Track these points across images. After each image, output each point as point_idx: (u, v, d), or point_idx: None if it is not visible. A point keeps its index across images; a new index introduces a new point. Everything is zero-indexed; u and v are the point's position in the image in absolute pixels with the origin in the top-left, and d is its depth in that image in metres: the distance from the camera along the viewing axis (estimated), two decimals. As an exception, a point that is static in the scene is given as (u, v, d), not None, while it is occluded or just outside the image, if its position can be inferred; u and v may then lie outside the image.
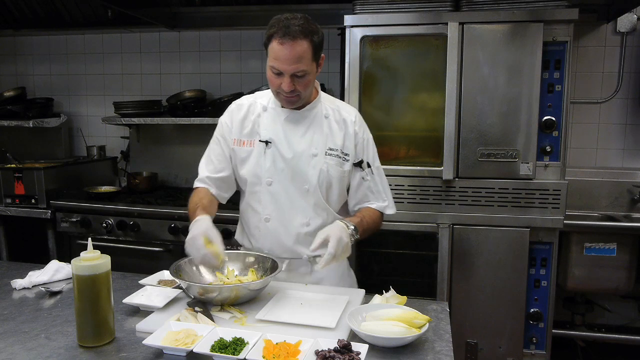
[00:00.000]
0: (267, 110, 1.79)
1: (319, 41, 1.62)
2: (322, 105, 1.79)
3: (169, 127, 3.71)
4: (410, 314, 1.38)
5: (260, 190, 1.77)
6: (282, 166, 1.73)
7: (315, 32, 1.60)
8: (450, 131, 2.55)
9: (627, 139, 3.26)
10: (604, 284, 2.86)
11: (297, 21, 1.57)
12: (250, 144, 1.78)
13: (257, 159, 1.76)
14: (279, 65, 1.58)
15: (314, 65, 1.64)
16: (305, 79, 1.62)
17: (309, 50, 1.58)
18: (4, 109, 3.62)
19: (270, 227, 1.77)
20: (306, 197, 1.74)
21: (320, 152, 1.73)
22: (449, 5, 2.55)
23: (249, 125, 1.79)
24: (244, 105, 1.83)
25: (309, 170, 1.73)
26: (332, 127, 1.77)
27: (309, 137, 1.74)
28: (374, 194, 1.81)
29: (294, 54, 1.55)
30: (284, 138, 1.74)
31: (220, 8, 3.42)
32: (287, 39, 1.55)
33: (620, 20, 3.11)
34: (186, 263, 1.64)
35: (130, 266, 2.30)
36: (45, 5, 3.53)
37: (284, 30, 1.55)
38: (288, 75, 1.59)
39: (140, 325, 1.40)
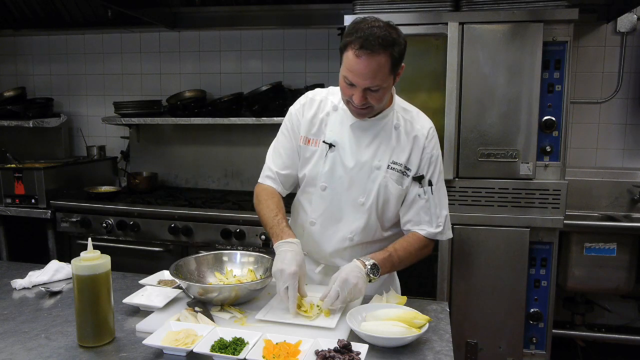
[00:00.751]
0: (337, 111, 1.69)
1: (400, 53, 1.48)
2: (393, 114, 1.66)
3: (169, 127, 3.71)
4: (410, 314, 1.38)
5: (313, 192, 1.70)
6: (341, 173, 1.65)
7: (397, 43, 1.46)
8: (450, 131, 2.55)
9: (627, 139, 3.26)
10: (604, 284, 2.86)
11: (378, 30, 1.43)
12: (315, 143, 1.68)
13: (317, 160, 1.68)
14: (352, 77, 1.47)
15: (390, 79, 1.51)
16: (379, 93, 1.50)
17: (387, 64, 1.45)
18: (4, 109, 3.62)
19: (314, 231, 1.73)
20: (359, 210, 1.66)
21: (383, 165, 1.63)
22: (449, 5, 2.55)
23: (317, 123, 1.69)
24: (315, 101, 1.73)
25: (368, 182, 1.64)
26: (401, 140, 1.64)
27: (374, 148, 1.64)
28: (428, 216, 1.66)
29: (370, 69, 1.43)
30: (348, 144, 1.65)
31: (220, 8, 3.42)
32: (364, 52, 1.42)
33: (620, 20, 3.11)
34: (186, 263, 1.64)
35: (130, 266, 2.30)
36: (45, 5, 3.53)
37: (362, 41, 1.42)
38: (360, 89, 1.48)
39: (140, 325, 1.40)
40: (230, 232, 2.85)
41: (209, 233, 2.90)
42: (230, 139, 3.57)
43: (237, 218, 2.84)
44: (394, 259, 1.59)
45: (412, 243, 1.66)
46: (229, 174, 3.63)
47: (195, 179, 3.69)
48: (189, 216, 2.93)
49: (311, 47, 3.47)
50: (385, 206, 1.67)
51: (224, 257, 1.72)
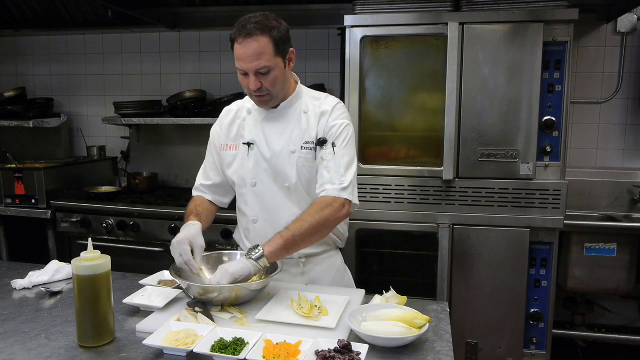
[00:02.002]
0: (251, 113, 1.79)
1: (280, 35, 1.59)
2: (301, 101, 1.76)
3: (169, 127, 3.71)
4: (410, 314, 1.38)
5: (246, 192, 1.78)
6: (264, 166, 1.74)
7: (275, 27, 1.59)
8: (450, 131, 2.55)
9: (627, 139, 3.26)
10: (604, 284, 2.86)
11: (254, 18, 1.58)
12: (235, 147, 1.79)
13: (241, 161, 1.77)
14: (241, 65, 1.59)
15: (278, 60, 1.60)
16: (270, 75, 1.60)
17: (269, 45, 1.57)
18: (4, 109, 3.62)
19: (258, 227, 1.78)
20: (289, 194, 1.73)
21: (297, 147, 1.71)
22: (449, 5, 2.55)
23: (235, 129, 1.81)
24: (231, 110, 1.86)
25: (288, 167, 1.71)
26: (310, 121, 1.72)
27: (287, 135, 1.73)
28: (329, 174, 1.65)
29: (251, 50, 1.56)
30: (263, 138, 1.74)
31: (220, 8, 3.42)
32: (244, 37, 1.56)
33: (620, 20, 3.11)
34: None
35: (130, 266, 2.30)
36: (45, 5, 3.53)
37: (241, 29, 1.57)
38: (252, 74, 1.59)
39: (140, 325, 1.40)
40: (230, 232, 2.83)
41: (208, 233, 2.84)
42: (230, 139, 3.56)
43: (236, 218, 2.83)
44: (287, 239, 1.56)
45: (308, 211, 1.62)
46: (229, 174, 3.62)
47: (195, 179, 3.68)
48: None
49: (311, 47, 3.47)
50: (309, 185, 1.72)
51: (224, 257, 1.72)
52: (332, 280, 1.82)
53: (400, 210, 2.67)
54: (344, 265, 1.93)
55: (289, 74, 1.72)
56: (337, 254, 1.89)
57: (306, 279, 1.78)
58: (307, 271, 1.79)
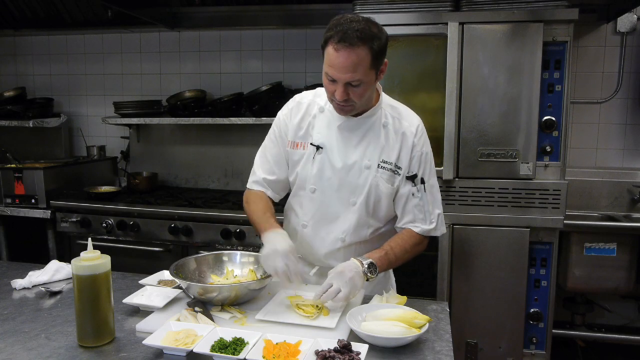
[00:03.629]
0: (324, 112, 1.69)
1: (380, 47, 1.47)
2: (381, 112, 1.66)
3: (169, 127, 3.71)
4: (410, 314, 1.38)
5: (303, 195, 1.71)
6: (330, 175, 1.65)
7: (377, 37, 1.46)
8: (450, 131, 2.55)
9: (627, 139, 3.26)
10: (604, 284, 2.86)
11: (356, 24, 1.44)
12: (303, 146, 1.69)
13: (305, 163, 1.68)
14: (332, 72, 1.48)
15: (372, 74, 1.50)
16: (360, 88, 1.50)
17: (367, 58, 1.45)
18: (4, 109, 3.62)
19: (306, 234, 1.73)
20: (350, 211, 1.66)
21: (373, 164, 1.63)
22: (449, 5, 2.55)
23: (305, 126, 1.70)
24: (303, 104, 1.73)
25: (359, 183, 1.63)
26: (389, 138, 1.64)
27: (362, 147, 1.64)
28: (422, 214, 1.66)
29: (349, 62, 1.44)
30: (336, 145, 1.64)
31: (220, 8, 3.42)
32: (343, 45, 1.43)
33: (620, 20, 3.11)
34: (186, 263, 1.64)
35: (130, 266, 2.30)
36: (45, 5, 3.53)
37: (341, 35, 1.43)
38: (342, 84, 1.49)
39: (140, 325, 1.40)
40: (230, 232, 2.85)
41: (209, 233, 2.90)
42: (230, 139, 3.57)
43: (237, 218, 2.84)
44: (391, 256, 1.60)
45: (407, 240, 1.67)
46: (229, 174, 3.62)
47: (195, 179, 3.69)
48: (189, 216, 2.93)
49: (311, 47, 3.46)
50: (377, 205, 1.67)
51: (224, 257, 1.72)
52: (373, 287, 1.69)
53: (400, 210, 2.67)
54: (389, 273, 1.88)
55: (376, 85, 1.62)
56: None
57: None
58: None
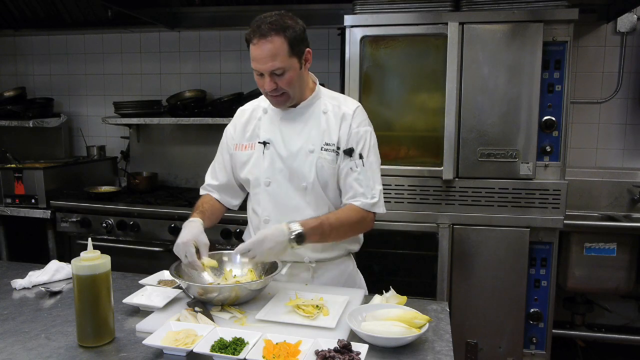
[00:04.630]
0: (267, 113, 1.78)
1: (295, 35, 1.58)
2: (320, 102, 1.75)
3: (169, 127, 3.71)
4: (410, 314, 1.38)
5: (259, 191, 1.76)
6: (280, 166, 1.72)
7: (290, 26, 1.57)
8: (450, 131, 2.55)
9: (627, 139, 3.26)
10: (604, 284, 2.87)
11: (269, 18, 1.56)
12: (251, 147, 1.77)
13: (256, 160, 1.76)
14: (255, 65, 1.58)
15: (293, 61, 1.59)
16: (286, 76, 1.59)
17: (284, 46, 1.55)
18: (4, 109, 3.62)
19: None
20: (304, 195, 1.71)
21: (317, 148, 1.70)
22: (449, 5, 2.55)
23: (251, 129, 1.79)
24: (246, 110, 1.84)
25: (306, 167, 1.70)
26: (330, 122, 1.72)
27: (305, 134, 1.72)
28: (362, 188, 1.70)
29: (266, 52, 1.54)
30: (280, 137, 1.73)
31: (220, 8, 3.42)
32: (258, 38, 1.55)
33: (620, 20, 3.11)
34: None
35: (130, 266, 2.30)
36: (45, 5, 3.53)
37: (256, 30, 1.55)
38: (267, 74, 1.58)
39: (140, 325, 1.40)
40: (230, 232, 2.85)
41: (208, 233, 2.85)
42: (230, 139, 3.56)
43: (237, 218, 2.83)
44: (325, 227, 1.61)
45: (346, 212, 1.70)
46: (229, 174, 3.62)
47: (195, 179, 3.69)
48: (189, 216, 2.89)
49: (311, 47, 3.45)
50: (326, 187, 1.72)
51: (224, 257, 1.72)
52: (342, 286, 1.78)
53: (400, 210, 2.67)
54: (356, 271, 1.90)
55: (306, 74, 1.71)
56: (349, 259, 1.86)
57: (316, 284, 1.75)
58: (318, 277, 1.76)
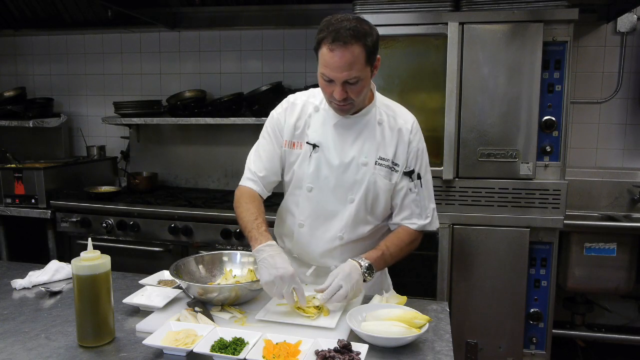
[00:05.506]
0: (319, 112, 1.69)
1: (373, 43, 1.50)
2: (376, 110, 1.67)
3: (169, 127, 3.71)
4: (410, 314, 1.38)
5: (299, 194, 1.70)
6: (327, 173, 1.65)
7: (369, 33, 1.48)
8: (450, 131, 2.55)
9: (627, 139, 3.26)
10: (604, 284, 2.86)
11: (348, 23, 1.46)
12: (299, 145, 1.70)
13: (301, 162, 1.68)
14: (329, 72, 1.49)
15: (367, 70, 1.51)
16: (358, 85, 1.51)
17: (362, 55, 1.47)
18: (4, 109, 3.62)
19: (303, 233, 1.72)
20: (346, 206, 1.66)
21: (371, 161, 1.63)
22: (449, 5, 2.55)
23: (301, 126, 1.70)
24: (297, 105, 1.74)
25: (357, 179, 1.64)
26: (385, 135, 1.65)
27: (359, 145, 1.64)
28: (418, 208, 1.69)
29: (344, 60, 1.45)
30: (332, 143, 1.65)
31: (220, 8, 3.42)
32: (337, 45, 1.44)
33: (620, 20, 3.11)
34: (186, 263, 1.64)
35: (130, 266, 2.31)
36: (45, 5, 3.53)
37: (334, 35, 1.45)
38: (339, 83, 1.49)
39: (140, 325, 1.40)
40: (230, 232, 2.85)
41: (209, 233, 2.90)
42: (230, 139, 3.56)
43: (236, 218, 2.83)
44: (387, 256, 1.62)
45: (403, 238, 1.69)
46: (229, 174, 3.62)
47: (195, 179, 3.69)
48: (189, 216, 2.93)
49: (311, 47, 3.40)
50: (375, 202, 1.67)
51: (224, 257, 1.72)
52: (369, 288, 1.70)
53: (400, 210, 2.67)
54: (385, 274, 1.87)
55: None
56: None
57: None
58: None
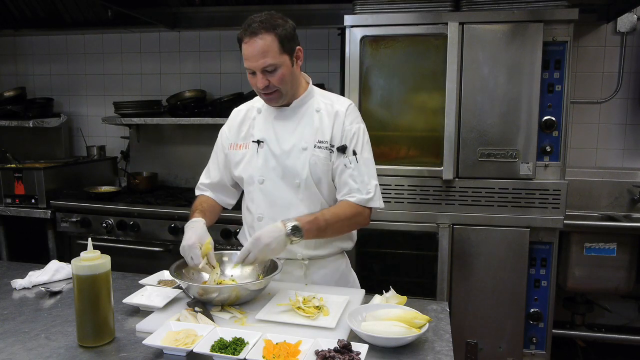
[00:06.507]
0: (262, 113, 1.81)
1: (286, 33, 1.62)
2: (314, 100, 1.77)
3: (169, 127, 3.71)
4: (410, 314, 1.38)
5: (253, 189, 1.78)
6: (274, 164, 1.74)
7: (280, 25, 1.61)
8: (450, 131, 2.55)
9: (627, 139, 3.26)
10: (604, 284, 2.87)
11: (259, 17, 1.61)
12: (245, 146, 1.80)
13: (250, 159, 1.78)
14: (247, 64, 1.61)
15: (285, 58, 1.62)
16: (278, 73, 1.62)
17: (274, 43, 1.59)
18: (4, 109, 3.62)
19: (263, 226, 1.74)
20: (298, 192, 1.73)
21: (310, 145, 1.72)
22: (449, 5, 2.55)
23: (245, 129, 1.82)
24: (241, 110, 1.87)
25: (299, 164, 1.71)
26: (323, 120, 1.74)
27: (299, 132, 1.74)
28: (357, 183, 1.72)
29: (257, 49, 1.58)
30: (274, 136, 1.75)
31: (220, 8, 3.42)
32: (249, 36, 1.59)
33: (620, 20, 3.11)
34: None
35: (130, 266, 2.30)
36: (45, 5, 3.53)
37: (246, 29, 1.60)
38: (259, 72, 1.61)
39: (140, 325, 1.40)
40: (230, 232, 2.85)
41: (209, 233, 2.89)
42: (230, 139, 3.56)
43: (237, 218, 2.80)
44: (320, 221, 1.64)
45: (342, 207, 1.72)
46: (229, 174, 3.62)
47: (195, 179, 3.60)
48: (188, 216, 2.91)
49: (311, 47, 3.46)
50: (320, 184, 1.73)
51: (224, 257, 1.72)
52: (335, 284, 1.80)
53: (400, 210, 2.67)
54: (349, 268, 1.91)
55: (298, 73, 1.73)
56: (343, 257, 1.88)
57: (309, 282, 1.77)
58: (310, 274, 1.78)
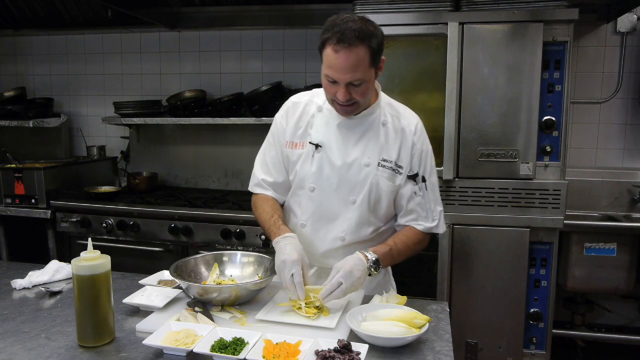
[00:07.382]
0: (322, 111, 1.68)
1: (378, 45, 1.48)
2: (380, 111, 1.66)
3: (169, 127, 3.71)
4: (410, 314, 1.38)
5: (302, 194, 1.70)
6: (329, 174, 1.64)
7: (374, 35, 1.46)
8: (450, 131, 2.55)
9: (627, 139, 3.26)
10: (604, 284, 2.86)
11: (353, 24, 1.44)
12: (302, 145, 1.68)
13: (304, 161, 1.67)
14: (333, 74, 1.48)
15: (372, 71, 1.50)
16: (362, 87, 1.50)
17: (367, 56, 1.45)
18: (4, 109, 3.62)
19: (305, 233, 1.71)
20: (349, 208, 1.65)
21: (373, 162, 1.62)
22: (449, 5, 2.55)
23: (303, 126, 1.69)
24: (300, 103, 1.73)
25: (359, 180, 1.62)
26: (389, 136, 1.64)
27: (362, 146, 1.63)
28: (424, 211, 1.67)
29: (349, 62, 1.44)
30: (335, 144, 1.64)
31: (220, 8, 3.42)
32: (342, 46, 1.43)
33: (620, 20, 3.11)
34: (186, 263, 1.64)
35: (130, 266, 2.31)
36: (45, 5, 3.53)
37: (339, 35, 1.43)
38: (343, 85, 1.48)
39: (140, 325, 1.40)
40: (230, 232, 2.85)
41: (209, 233, 2.90)
42: (230, 139, 3.57)
43: (237, 218, 2.84)
44: (394, 252, 1.61)
45: (410, 237, 1.68)
46: (229, 174, 3.62)
47: (195, 179, 3.69)
48: (189, 216, 2.93)
49: (311, 47, 3.46)
50: (377, 204, 1.66)
51: (224, 257, 1.72)
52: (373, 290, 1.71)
53: (400, 210, 2.67)
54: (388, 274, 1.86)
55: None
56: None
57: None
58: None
